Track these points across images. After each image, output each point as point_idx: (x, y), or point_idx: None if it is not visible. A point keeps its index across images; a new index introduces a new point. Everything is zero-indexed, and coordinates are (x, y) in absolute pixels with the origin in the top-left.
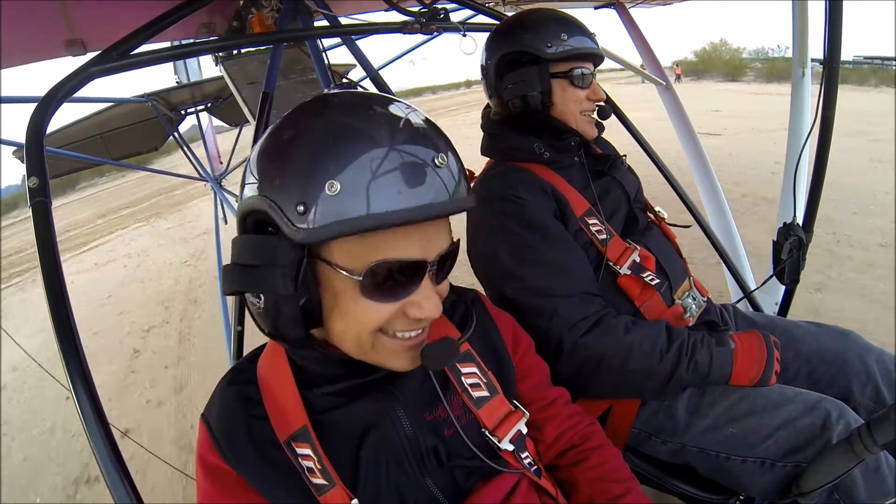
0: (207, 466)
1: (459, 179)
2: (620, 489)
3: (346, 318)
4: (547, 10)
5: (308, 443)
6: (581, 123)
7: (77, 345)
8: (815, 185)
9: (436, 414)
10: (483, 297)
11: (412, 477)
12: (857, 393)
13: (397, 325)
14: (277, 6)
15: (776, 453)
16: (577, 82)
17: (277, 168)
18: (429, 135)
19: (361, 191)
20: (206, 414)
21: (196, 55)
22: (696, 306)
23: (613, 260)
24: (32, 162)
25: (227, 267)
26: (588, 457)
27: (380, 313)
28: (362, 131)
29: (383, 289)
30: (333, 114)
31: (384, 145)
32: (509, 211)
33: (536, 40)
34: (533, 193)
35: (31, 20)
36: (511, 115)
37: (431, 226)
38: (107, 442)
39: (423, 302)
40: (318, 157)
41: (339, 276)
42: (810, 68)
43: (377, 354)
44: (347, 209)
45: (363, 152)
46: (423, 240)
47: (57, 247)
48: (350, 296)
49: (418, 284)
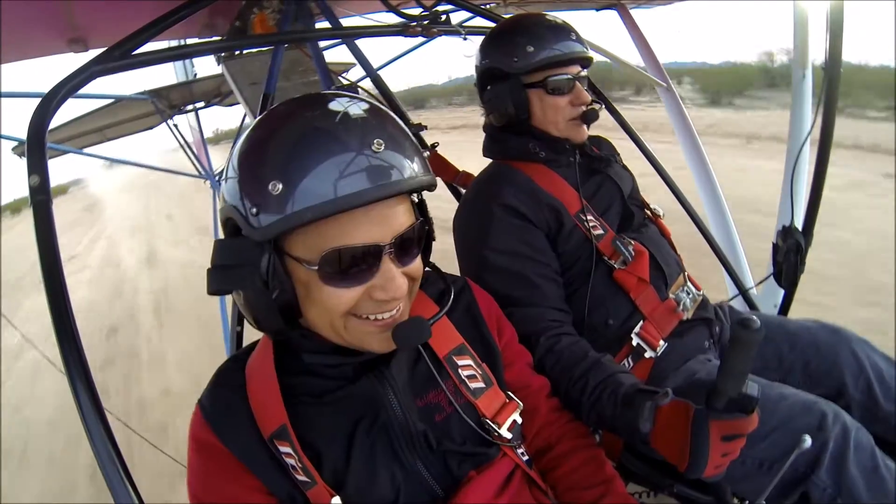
0: (200, 443)
1: (404, 161)
2: (590, 496)
3: (317, 306)
4: (524, 18)
5: (287, 441)
6: (565, 129)
7: (77, 344)
8: (815, 189)
9: (427, 400)
10: (472, 285)
11: (404, 462)
12: (851, 386)
13: (367, 308)
14: (279, 7)
15: (774, 455)
16: (554, 91)
17: (237, 178)
18: (365, 124)
19: (300, 186)
20: (202, 398)
21: (198, 55)
22: (691, 301)
23: (608, 255)
24: (34, 160)
25: (209, 269)
26: (559, 464)
27: (343, 298)
28: (299, 131)
29: (342, 274)
30: (277, 120)
31: (319, 140)
32: (487, 216)
33: (502, 55)
34: (520, 199)
35: (34, 16)
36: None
37: (380, 209)
38: (107, 441)
39: (385, 284)
40: (261, 161)
41: (301, 267)
42: (811, 70)
43: (352, 337)
44: (290, 205)
45: (299, 150)
46: (373, 224)
47: (58, 246)
48: (315, 285)
49: (378, 267)
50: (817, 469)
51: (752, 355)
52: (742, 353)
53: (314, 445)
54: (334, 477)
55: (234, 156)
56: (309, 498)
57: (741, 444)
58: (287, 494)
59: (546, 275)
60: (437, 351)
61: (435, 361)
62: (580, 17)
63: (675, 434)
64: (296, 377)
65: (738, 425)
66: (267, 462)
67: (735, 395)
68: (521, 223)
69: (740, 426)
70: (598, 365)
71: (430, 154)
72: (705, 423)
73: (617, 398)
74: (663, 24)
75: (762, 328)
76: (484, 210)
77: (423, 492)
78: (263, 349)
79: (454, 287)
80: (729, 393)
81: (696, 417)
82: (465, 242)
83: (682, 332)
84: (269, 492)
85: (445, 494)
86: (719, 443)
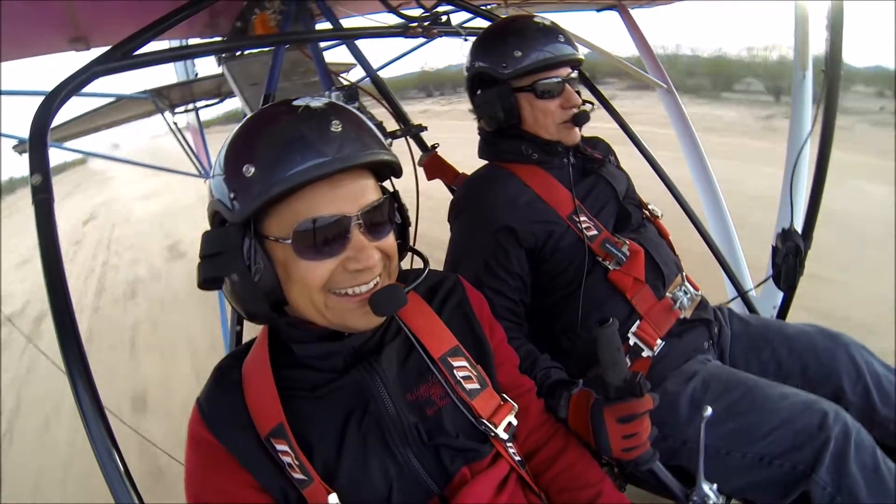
0: (197, 441)
1: (362, 140)
2: (585, 496)
3: (297, 284)
4: (512, 21)
5: (285, 439)
6: (556, 133)
7: (78, 343)
8: (815, 191)
9: (417, 394)
10: (465, 283)
11: (396, 455)
12: (849, 391)
13: (343, 282)
14: (280, 8)
15: (775, 451)
16: (544, 94)
17: (221, 173)
18: (325, 112)
19: (269, 166)
20: (200, 397)
21: (199, 56)
22: (689, 300)
23: (602, 256)
24: (36, 159)
25: (198, 264)
26: (550, 465)
27: (319, 271)
28: (268, 123)
29: (316, 247)
30: (253, 119)
31: (285, 127)
32: (473, 221)
33: (490, 61)
34: (507, 209)
35: (36, 14)
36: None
37: (346, 184)
38: (107, 441)
39: (357, 255)
40: (237, 151)
41: (278, 246)
42: (811, 70)
43: (334, 316)
44: (262, 183)
45: (268, 136)
46: (339, 197)
47: (59, 244)
48: (292, 261)
49: (348, 238)
50: (818, 468)
51: (615, 347)
52: (605, 347)
53: (307, 439)
54: (326, 470)
55: (220, 155)
56: (305, 496)
57: (641, 425)
58: (281, 492)
59: (501, 291)
60: (432, 352)
61: (429, 361)
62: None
63: (584, 418)
64: (290, 371)
65: (629, 407)
66: (263, 460)
67: (619, 384)
68: (502, 238)
69: (631, 407)
70: (535, 361)
71: (430, 155)
72: (599, 408)
73: (544, 390)
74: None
75: (615, 322)
76: (471, 215)
77: (416, 486)
78: (260, 346)
79: (446, 284)
80: (613, 382)
81: (593, 404)
82: (451, 241)
83: (680, 332)
84: (264, 489)
85: (440, 491)
86: (615, 424)
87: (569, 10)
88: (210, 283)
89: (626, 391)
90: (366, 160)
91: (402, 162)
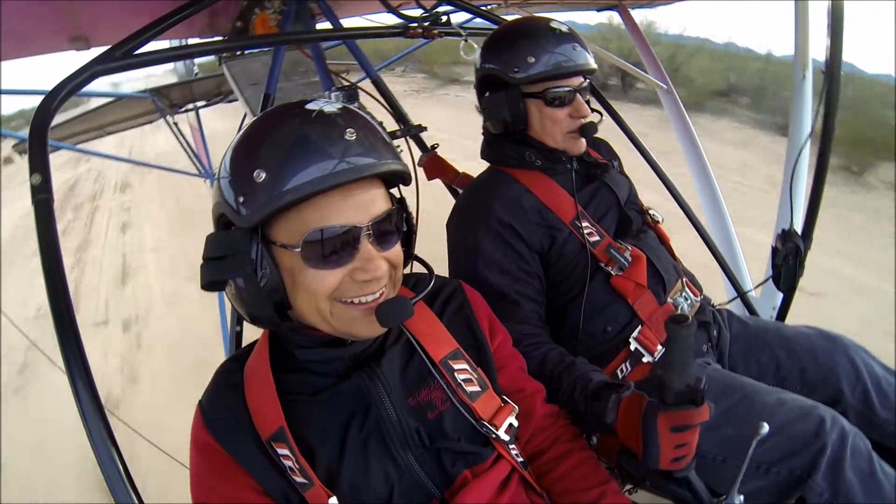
0: (199, 445)
1: (375, 149)
2: (589, 498)
3: (303, 291)
4: (526, 22)
5: (285, 443)
6: (562, 142)
7: (78, 342)
8: (815, 192)
9: (419, 399)
10: (466, 287)
11: (397, 458)
12: (848, 393)
13: (350, 291)
14: (280, 8)
15: (771, 458)
16: (554, 102)
17: (228, 176)
18: (338, 119)
19: (280, 172)
20: (202, 400)
21: (199, 56)
22: (689, 306)
23: (604, 262)
24: (35, 159)
25: (201, 265)
26: (554, 467)
27: (327, 281)
28: (281, 127)
29: (325, 257)
30: (263, 121)
31: (298, 133)
32: (480, 227)
33: (503, 64)
34: (513, 215)
35: (37, 14)
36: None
37: (357, 194)
38: (107, 441)
39: (366, 265)
40: (247, 156)
41: (286, 253)
42: (811, 71)
43: (339, 323)
44: (273, 190)
45: (280, 142)
46: (350, 207)
47: (59, 243)
48: (299, 269)
49: (357, 248)
50: (814, 473)
51: (687, 349)
52: (677, 348)
53: (309, 443)
54: (328, 474)
55: (227, 156)
56: (307, 499)
57: (693, 435)
58: (282, 495)
59: (527, 294)
60: (433, 355)
61: (430, 363)
62: (581, 17)
63: (633, 425)
64: (291, 375)
65: (686, 416)
66: (264, 463)
67: (681, 388)
68: (513, 240)
69: (688, 416)
70: (572, 365)
71: (431, 155)
72: (654, 414)
73: (587, 393)
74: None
75: (692, 323)
76: (477, 221)
77: (417, 489)
78: (261, 348)
79: (447, 288)
80: (675, 386)
81: (647, 409)
82: (456, 250)
83: None
84: (265, 492)
85: (441, 494)
86: (668, 433)
87: (569, 9)
88: (214, 285)
89: (686, 397)
90: (379, 171)
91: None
